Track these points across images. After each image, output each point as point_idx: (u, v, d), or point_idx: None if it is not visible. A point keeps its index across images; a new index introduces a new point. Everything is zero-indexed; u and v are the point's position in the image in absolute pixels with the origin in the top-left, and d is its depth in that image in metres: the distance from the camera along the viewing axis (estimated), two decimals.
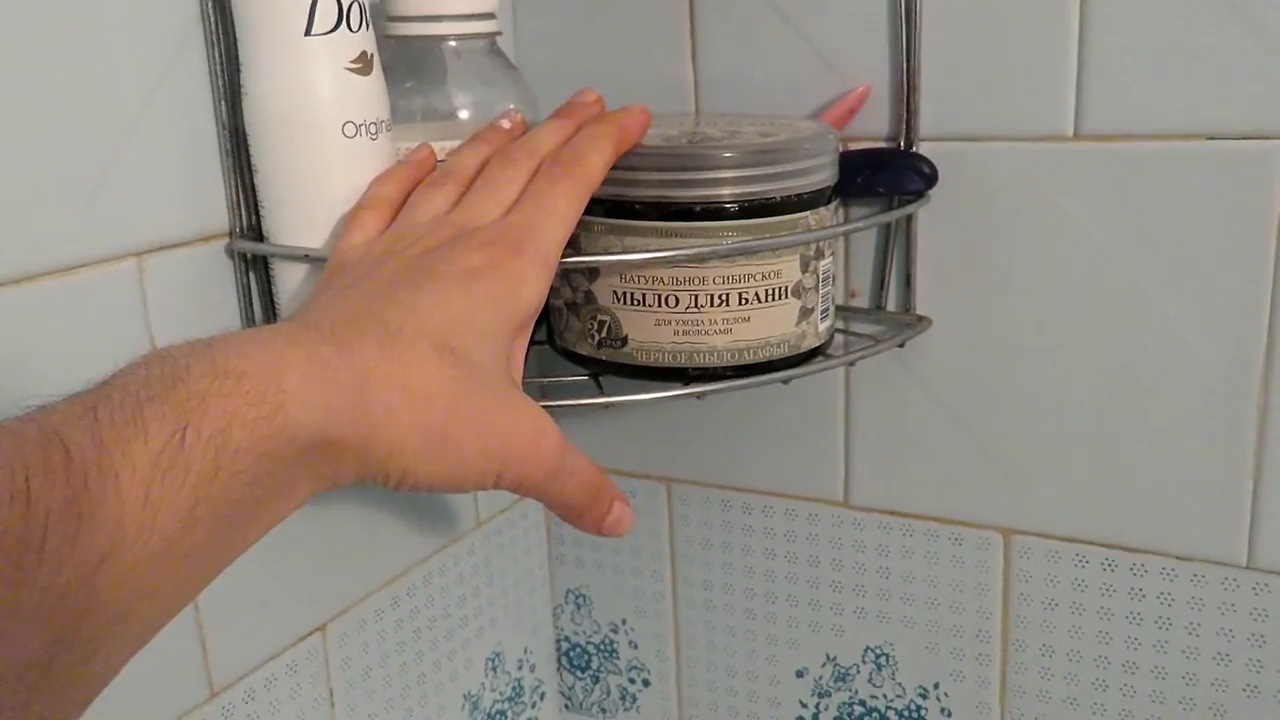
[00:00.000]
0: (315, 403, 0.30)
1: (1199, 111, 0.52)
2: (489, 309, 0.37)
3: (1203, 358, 0.55)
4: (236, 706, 0.54)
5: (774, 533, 0.69)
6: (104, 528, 0.25)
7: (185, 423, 0.27)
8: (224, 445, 0.28)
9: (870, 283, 0.62)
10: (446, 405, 0.34)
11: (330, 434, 0.31)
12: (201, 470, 0.27)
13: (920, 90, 0.57)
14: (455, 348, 0.35)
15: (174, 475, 0.26)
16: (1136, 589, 0.59)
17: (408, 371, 0.33)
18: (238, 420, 0.28)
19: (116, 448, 0.26)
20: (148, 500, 0.26)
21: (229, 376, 0.29)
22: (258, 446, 0.28)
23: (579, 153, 0.44)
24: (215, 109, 0.49)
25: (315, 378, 0.30)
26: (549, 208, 0.41)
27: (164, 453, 0.26)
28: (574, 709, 0.80)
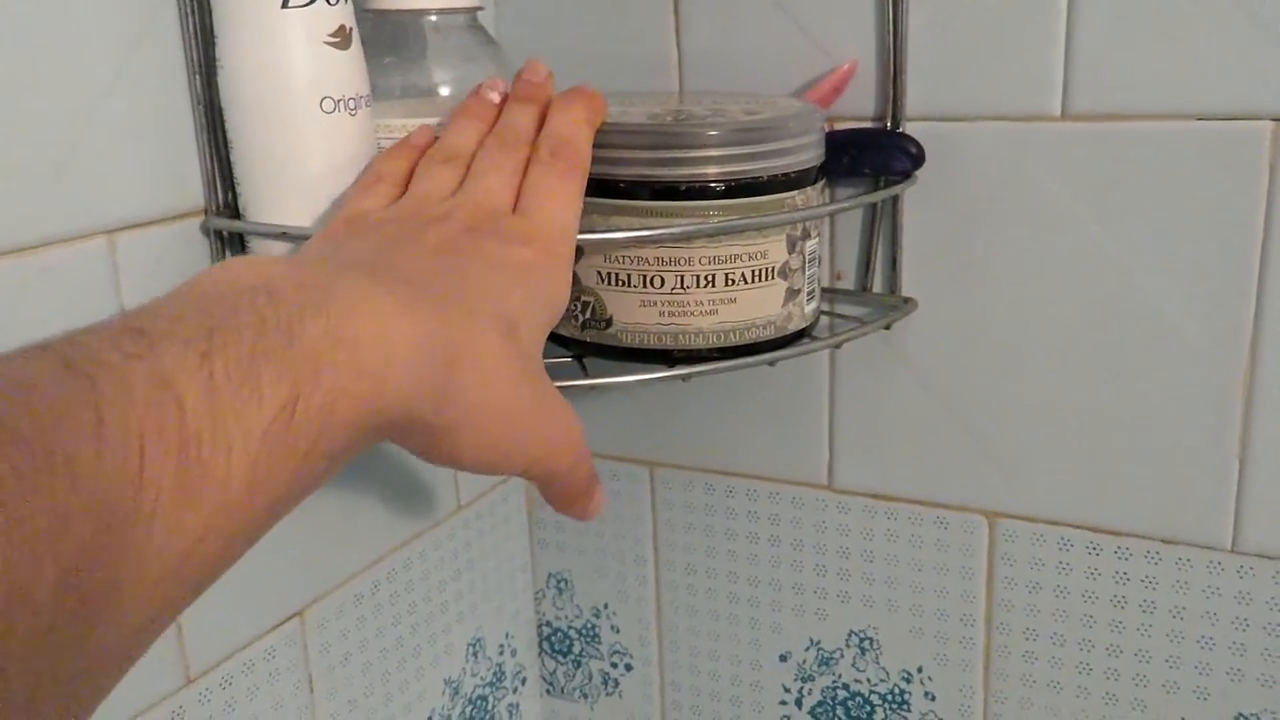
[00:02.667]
0: (413, 381, 0.28)
1: (1187, 92, 0.52)
2: (540, 303, 0.38)
3: (1189, 340, 0.55)
4: (213, 693, 0.53)
5: (757, 516, 0.68)
6: (206, 511, 0.22)
7: (298, 392, 0.24)
8: (329, 420, 0.25)
9: (856, 265, 0.61)
10: (510, 390, 0.33)
11: (415, 412, 0.29)
12: (306, 446, 0.25)
13: (907, 69, 0.57)
14: (517, 333, 0.35)
15: (280, 452, 0.24)
16: (1121, 572, 0.59)
17: (482, 350, 0.32)
18: (346, 395, 0.26)
19: (231, 413, 0.23)
20: (253, 481, 0.23)
21: (343, 343, 0.26)
22: (355, 422, 0.26)
23: (575, 145, 0.43)
24: (189, 82, 0.48)
25: (419, 353, 0.29)
26: (568, 209, 0.42)
27: (275, 423, 0.24)
28: (555, 694, 0.79)
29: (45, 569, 0.19)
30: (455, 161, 0.44)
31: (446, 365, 0.30)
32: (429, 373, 0.29)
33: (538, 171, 0.42)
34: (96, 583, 0.20)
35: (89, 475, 0.20)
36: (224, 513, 0.23)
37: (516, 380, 0.34)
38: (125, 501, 0.21)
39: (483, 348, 0.33)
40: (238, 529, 0.24)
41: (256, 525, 0.25)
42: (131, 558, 0.21)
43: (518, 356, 0.34)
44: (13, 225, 0.42)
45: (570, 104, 0.45)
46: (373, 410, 0.27)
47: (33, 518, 0.19)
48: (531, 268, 0.38)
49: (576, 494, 0.40)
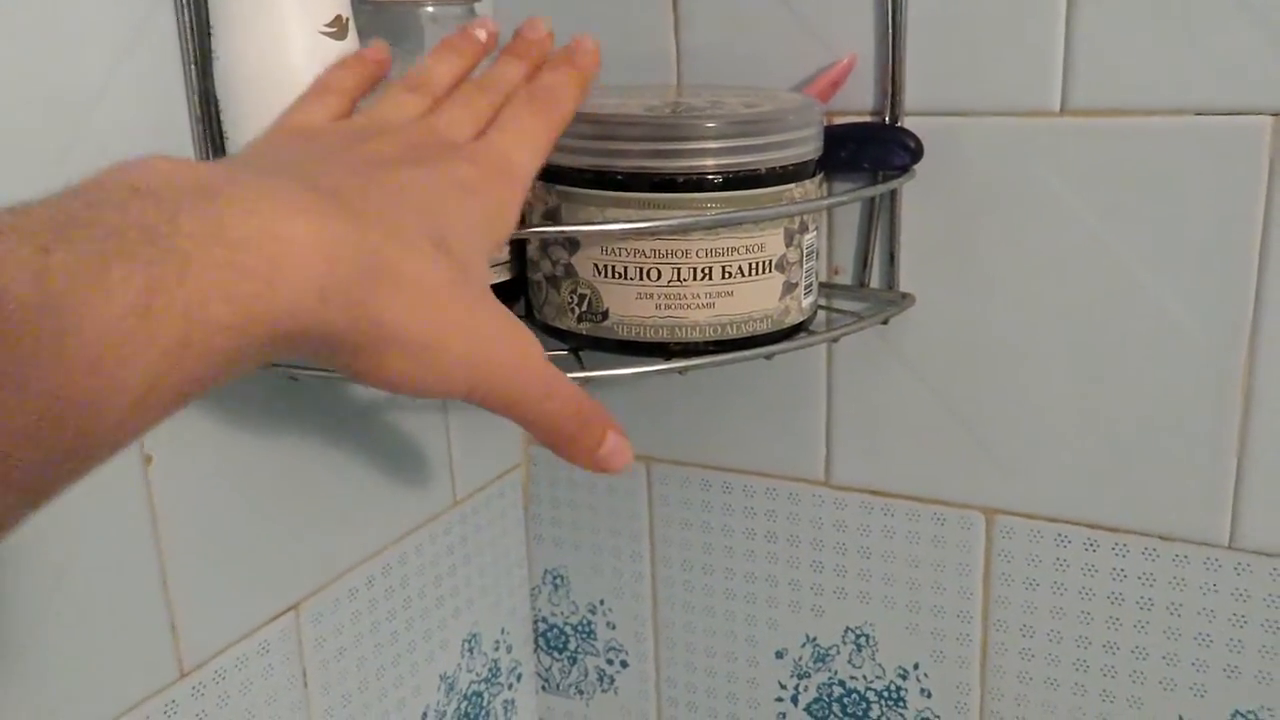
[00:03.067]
0: (314, 287, 0.27)
1: (1186, 87, 0.52)
2: (480, 223, 0.35)
3: (1188, 336, 0.55)
4: (207, 687, 0.53)
5: (754, 512, 0.68)
6: (35, 398, 0.22)
7: (157, 286, 0.23)
8: (200, 318, 0.24)
9: (853, 260, 0.61)
10: (440, 305, 0.31)
11: (323, 324, 0.27)
12: (167, 346, 0.23)
13: (906, 64, 0.56)
14: (452, 249, 0.33)
15: (134, 346, 0.23)
16: (1118, 569, 0.59)
17: (410, 263, 0.30)
18: (221, 294, 0.24)
19: (68, 305, 0.22)
20: (97, 371, 0.22)
21: (220, 240, 0.24)
22: (240, 325, 0.25)
23: (554, 91, 0.41)
24: (185, 73, 0.47)
25: (319, 259, 0.27)
26: (528, 138, 0.39)
27: (126, 318, 0.23)
28: (551, 690, 0.79)
29: None
30: (423, 90, 0.41)
31: (363, 273, 0.28)
32: (338, 280, 0.27)
33: (508, 110, 0.40)
34: None
35: None
36: (63, 401, 0.22)
37: (450, 295, 0.32)
38: None
39: (409, 263, 0.30)
40: (96, 424, 0.23)
41: (122, 416, 0.24)
42: None
43: (451, 274, 0.32)
44: None
45: (562, 62, 0.43)
46: (257, 315, 0.25)
47: None
48: (472, 186, 0.36)
49: (565, 432, 0.36)
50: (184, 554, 0.51)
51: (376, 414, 0.62)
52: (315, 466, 0.58)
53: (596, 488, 0.73)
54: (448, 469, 0.69)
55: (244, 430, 0.54)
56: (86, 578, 0.47)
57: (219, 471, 0.53)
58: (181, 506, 0.50)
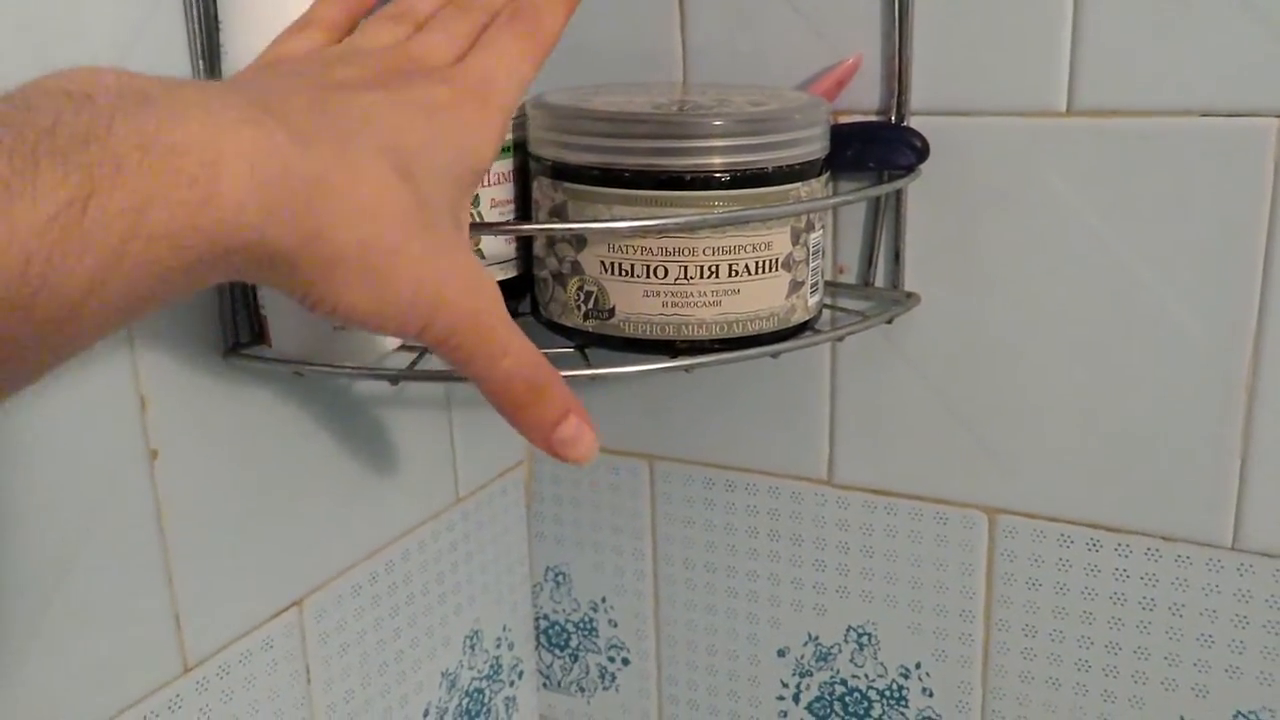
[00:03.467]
0: (255, 200, 0.26)
1: (1192, 88, 0.52)
2: (449, 149, 0.34)
3: (1192, 337, 0.55)
4: (211, 682, 0.53)
5: (757, 511, 0.68)
6: None
7: (90, 190, 0.22)
8: (136, 226, 0.23)
9: (858, 259, 0.61)
10: (393, 232, 0.30)
11: (265, 239, 0.26)
12: (103, 252, 0.23)
13: (912, 63, 0.57)
14: (413, 175, 0.31)
15: (65, 250, 0.22)
16: (1121, 569, 0.59)
17: (361, 184, 0.29)
18: (158, 200, 0.23)
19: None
20: (25, 277, 0.22)
21: (157, 147, 0.24)
22: (177, 237, 0.24)
23: (538, 10, 0.39)
24: (193, 68, 0.47)
25: (262, 170, 0.26)
26: (509, 61, 0.37)
27: (56, 221, 0.22)
28: (552, 688, 0.79)
29: None
30: (404, 20, 0.39)
31: (309, 189, 0.27)
32: (282, 195, 0.27)
33: (489, 33, 0.38)
34: None
35: None
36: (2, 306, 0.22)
37: (404, 222, 0.31)
38: None
39: (361, 178, 0.29)
40: (26, 331, 0.23)
41: (56, 325, 0.23)
42: None
43: (408, 199, 0.31)
44: None
45: None
46: (196, 224, 0.24)
47: None
48: (442, 108, 0.34)
49: (516, 398, 0.34)
50: (188, 549, 0.51)
51: (380, 410, 0.62)
52: (319, 462, 0.58)
53: (599, 485, 0.73)
54: (450, 466, 0.69)
55: (249, 426, 0.54)
56: (91, 572, 0.47)
57: (224, 467, 0.53)
58: (186, 502, 0.50)
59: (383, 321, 0.31)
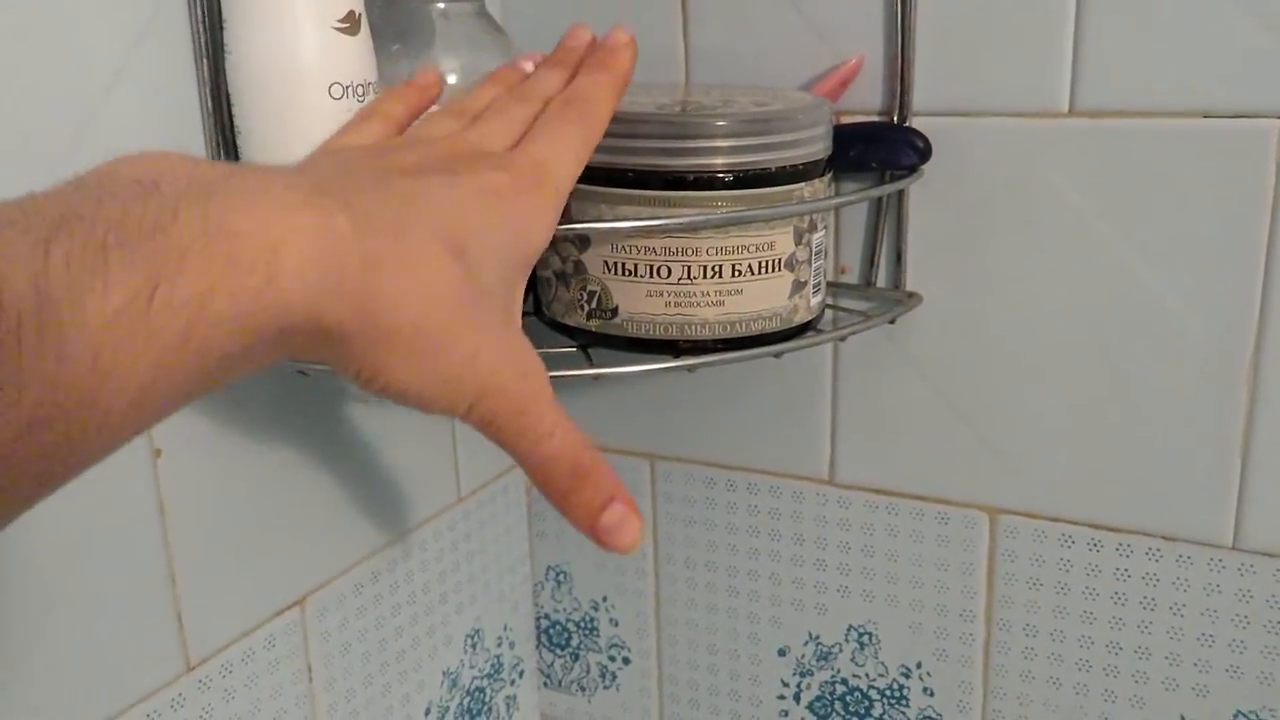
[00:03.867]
0: (314, 280, 0.26)
1: (1194, 89, 0.52)
2: (505, 234, 0.35)
3: (1193, 337, 0.55)
4: (213, 680, 0.53)
5: (758, 510, 0.68)
6: (33, 394, 0.21)
7: (156, 281, 0.23)
8: (200, 313, 0.24)
9: (860, 259, 0.61)
10: (445, 315, 0.30)
11: (324, 318, 0.27)
12: (168, 340, 0.23)
13: (914, 64, 0.57)
14: (468, 257, 0.32)
15: (133, 342, 0.23)
16: (1122, 569, 0.59)
17: (419, 265, 0.30)
18: (221, 287, 0.24)
19: (65, 302, 0.22)
20: (96, 368, 0.22)
21: (220, 234, 0.24)
22: (240, 320, 0.24)
23: (588, 97, 0.41)
24: (197, 68, 0.47)
25: (321, 251, 0.26)
26: (564, 146, 0.39)
27: (124, 313, 0.22)
28: (553, 687, 0.79)
29: None
30: (464, 115, 0.41)
31: (366, 271, 0.28)
32: (340, 277, 0.27)
33: (544, 117, 0.40)
34: None
35: None
36: (64, 397, 0.22)
37: (459, 303, 0.31)
38: None
39: (417, 261, 0.30)
40: (95, 420, 0.23)
41: (119, 418, 0.23)
42: None
43: (463, 281, 0.31)
44: None
45: (597, 67, 0.43)
46: (258, 307, 0.25)
47: None
48: (499, 194, 0.35)
49: (560, 483, 0.34)
50: (191, 548, 0.51)
51: (383, 410, 0.62)
52: (322, 462, 0.58)
53: None
54: (452, 465, 0.69)
55: (252, 426, 0.54)
56: (94, 571, 0.47)
57: (227, 466, 0.53)
58: (189, 501, 0.50)
59: (430, 401, 0.31)
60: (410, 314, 0.29)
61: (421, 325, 0.30)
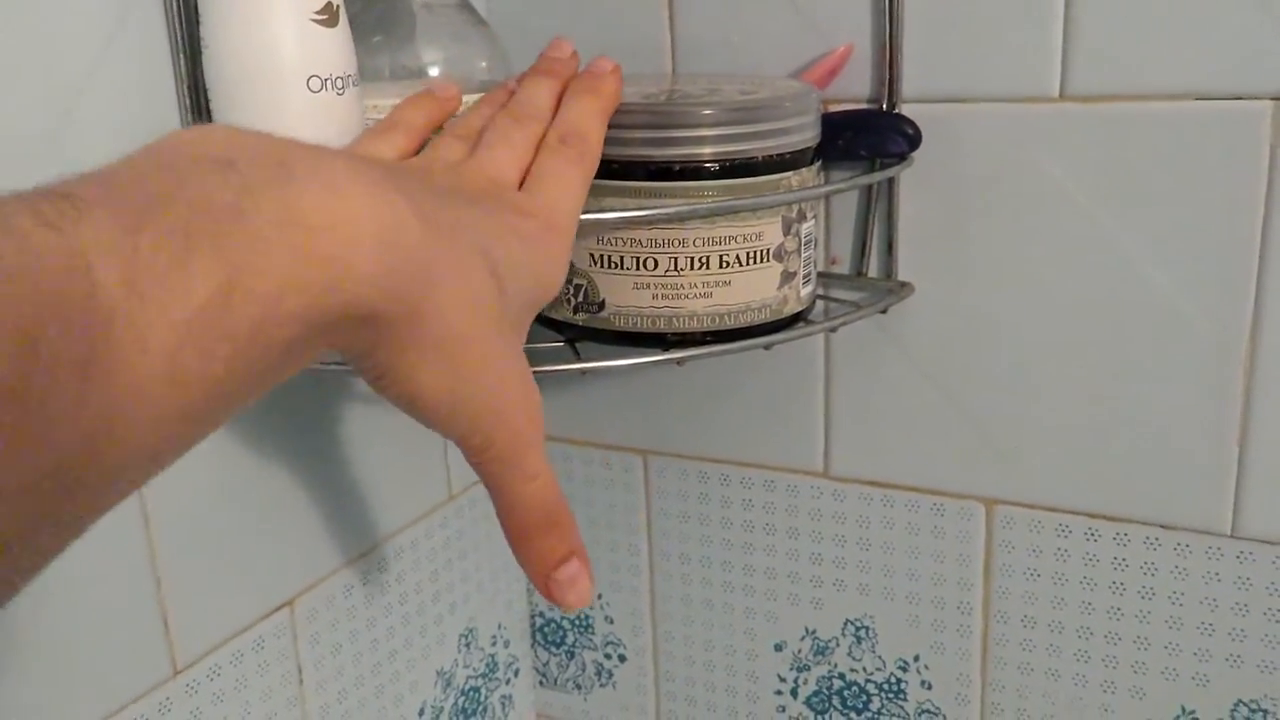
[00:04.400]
0: (381, 276, 0.26)
1: (1187, 71, 0.51)
2: (530, 275, 0.36)
3: (1189, 324, 0.54)
4: (201, 684, 0.52)
5: (752, 505, 0.68)
6: (117, 394, 0.21)
7: (238, 276, 0.22)
8: (274, 309, 0.23)
9: (851, 249, 0.61)
10: (485, 326, 0.31)
11: (380, 314, 0.27)
12: (239, 339, 0.23)
13: (903, 50, 0.56)
14: (503, 284, 0.32)
15: (209, 343, 0.22)
16: (1120, 558, 0.59)
17: (469, 272, 0.30)
18: (298, 284, 0.23)
19: (152, 299, 0.21)
20: (173, 371, 0.21)
21: (299, 225, 0.24)
22: (307, 313, 0.24)
23: (582, 133, 0.43)
24: (174, 62, 0.47)
25: (391, 250, 0.26)
26: (572, 193, 0.41)
27: (204, 312, 0.22)
28: (549, 685, 0.79)
29: None
30: (469, 139, 0.43)
31: (425, 272, 0.28)
32: (401, 275, 0.27)
33: (545, 156, 0.42)
34: None
35: None
36: (145, 398, 0.21)
37: (495, 318, 0.31)
38: (17, 386, 0.19)
39: (468, 271, 0.30)
40: (160, 418, 0.22)
41: (195, 415, 0.23)
42: (31, 432, 0.20)
43: (500, 301, 0.32)
44: None
45: (584, 93, 0.44)
46: (328, 305, 0.25)
47: None
48: (528, 237, 0.37)
49: (529, 524, 0.34)
50: (177, 550, 0.50)
51: (372, 408, 0.62)
52: (310, 461, 0.58)
53: (593, 481, 0.72)
54: (443, 463, 0.68)
55: (239, 425, 0.53)
56: (78, 574, 0.46)
57: (213, 465, 0.52)
58: (174, 502, 0.50)
59: (439, 413, 0.31)
60: (456, 323, 0.29)
61: (461, 332, 0.30)
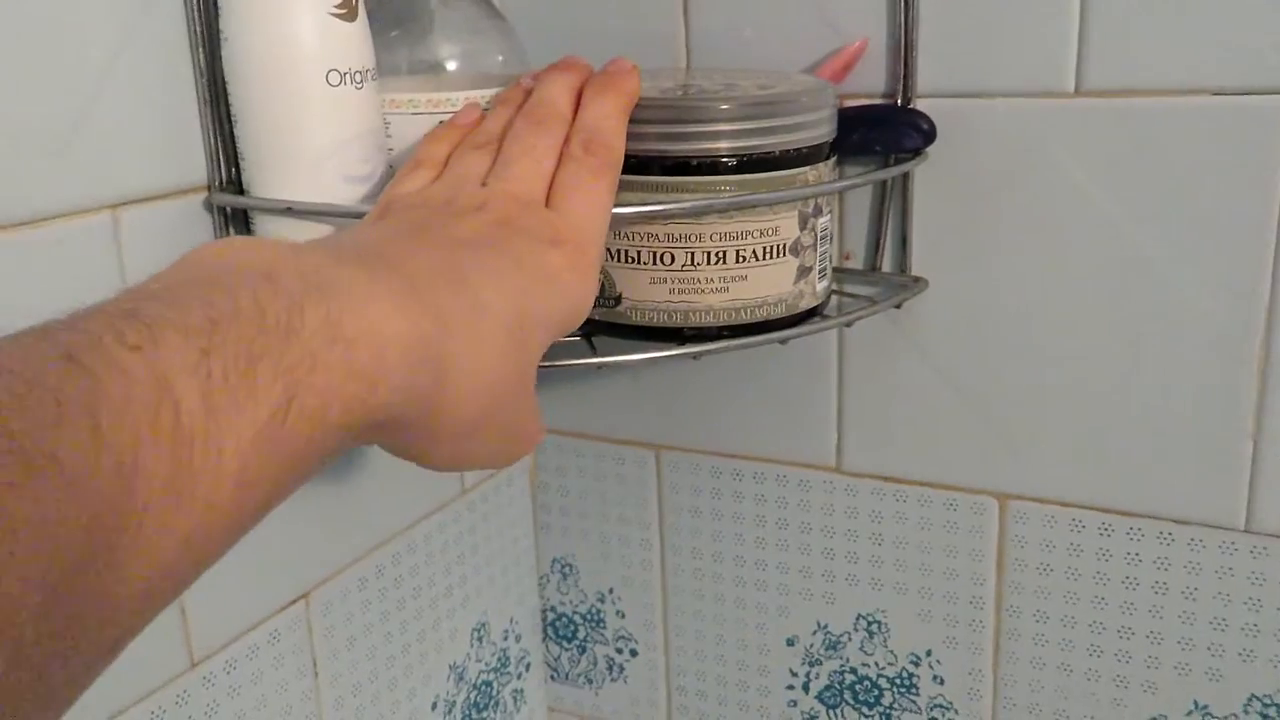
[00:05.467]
0: (405, 384, 0.28)
1: (1203, 66, 0.51)
2: (560, 311, 0.37)
3: (1203, 318, 0.54)
4: (217, 676, 0.52)
5: (765, 499, 0.68)
6: (195, 511, 0.22)
7: (293, 394, 0.24)
8: (319, 423, 0.25)
9: (865, 245, 0.61)
10: (495, 401, 0.33)
11: (401, 417, 0.29)
12: (294, 450, 0.24)
13: (918, 45, 0.56)
14: (525, 341, 0.34)
15: (271, 454, 0.24)
16: (1133, 553, 0.59)
17: (483, 358, 0.32)
18: (339, 398, 0.25)
19: (225, 415, 0.23)
20: (240, 481, 0.23)
21: (340, 341, 0.26)
22: (345, 424, 0.26)
23: (608, 139, 0.42)
24: (193, 55, 0.47)
25: (411, 358, 0.28)
26: (599, 208, 0.41)
27: (268, 426, 0.24)
28: (560, 680, 0.79)
29: (32, 583, 0.19)
30: (488, 146, 0.43)
31: (443, 369, 0.30)
32: (418, 379, 0.29)
33: (570, 168, 0.41)
34: (84, 591, 0.20)
35: (81, 480, 0.20)
36: (213, 513, 0.23)
37: (507, 391, 0.33)
38: (117, 507, 0.20)
39: (486, 354, 0.32)
40: (226, 528, 0.24)
41: (245, 523, 0.25)
42: (120, 562, 0.21)
43: (517, 362, 0.34)
44: (17, 198, 0.41)
45: (604, 92, 0.44)
46: (363, 414, 0.26)
47: (25, 526, 0.19)
48: (559, 275, 0.37)
49: None
50: None
51: None
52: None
53: (606, 476, 0.72)
54: None
55: None
56: None
57: None
58: None
59: (454, 469, 0.36)
60: (468, 408, 0.31)
61: (474, 417, 0.32)
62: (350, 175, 0.47)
